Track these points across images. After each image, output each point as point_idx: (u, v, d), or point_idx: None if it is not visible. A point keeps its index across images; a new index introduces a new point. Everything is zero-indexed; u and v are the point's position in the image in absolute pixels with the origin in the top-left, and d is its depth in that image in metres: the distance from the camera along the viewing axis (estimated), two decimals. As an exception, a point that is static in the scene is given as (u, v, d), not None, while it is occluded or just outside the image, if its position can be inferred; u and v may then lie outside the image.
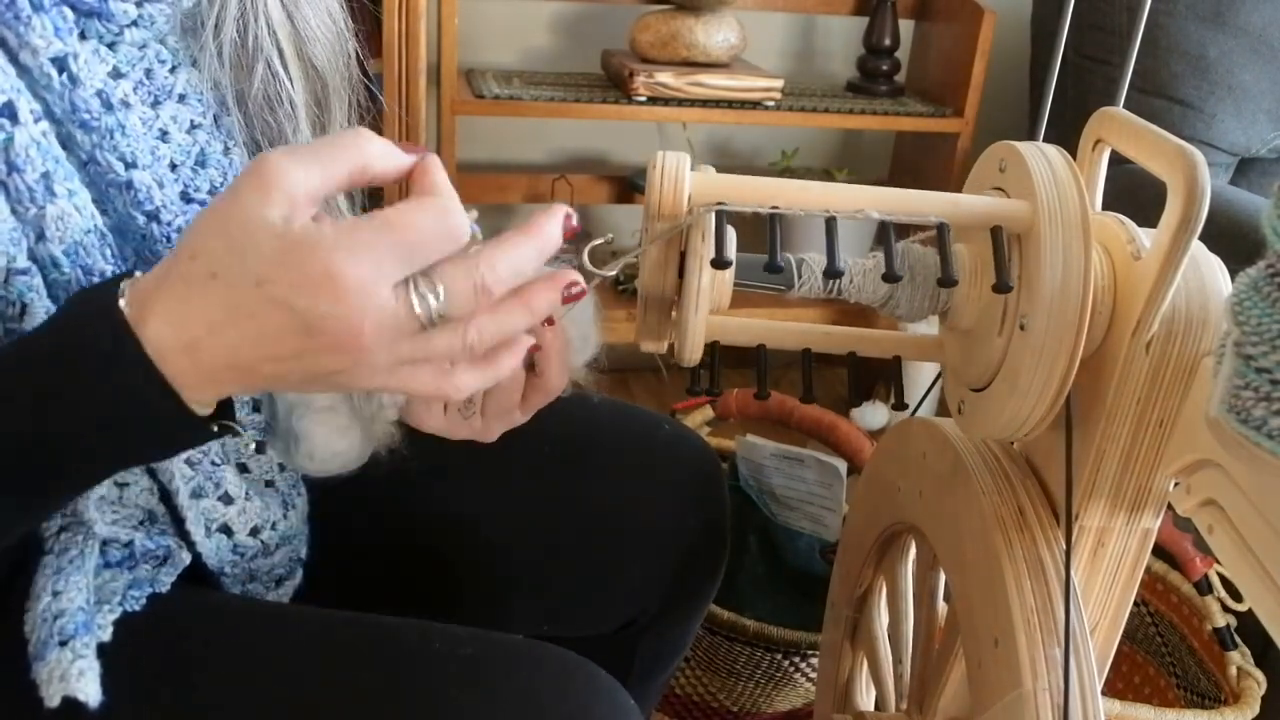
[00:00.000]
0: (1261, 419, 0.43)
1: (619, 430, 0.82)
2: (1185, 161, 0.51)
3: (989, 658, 0.59)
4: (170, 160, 0.57)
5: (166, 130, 0.57)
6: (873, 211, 0.54)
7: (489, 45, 1.86)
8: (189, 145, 0.59)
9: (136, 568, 0.59)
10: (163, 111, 0.57)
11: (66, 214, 0.51)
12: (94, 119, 0.52)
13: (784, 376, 1.91)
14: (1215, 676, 1.11)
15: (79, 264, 0.52)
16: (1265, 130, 1.63)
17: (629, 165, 2.00)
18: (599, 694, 0.59)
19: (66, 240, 0.51)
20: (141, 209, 0.55)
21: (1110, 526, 0.59)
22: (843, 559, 0.89)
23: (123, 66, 0.56)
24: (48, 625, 0.53)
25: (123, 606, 0.57)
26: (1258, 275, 0.44)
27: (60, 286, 0.52)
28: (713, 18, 1.66)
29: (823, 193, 0.55)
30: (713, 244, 0.53)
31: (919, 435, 0.71)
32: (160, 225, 0.56)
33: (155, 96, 0.57)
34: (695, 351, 0.58)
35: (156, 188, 0.55)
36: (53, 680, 0.52)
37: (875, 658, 0.85)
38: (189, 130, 0.59)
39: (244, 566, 0.65)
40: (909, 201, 0.55)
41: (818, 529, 1.22)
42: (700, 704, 1.22)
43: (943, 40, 1.84)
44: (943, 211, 0.55)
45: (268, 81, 0.62)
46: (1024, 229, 0.55)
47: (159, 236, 0.56)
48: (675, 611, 0.84)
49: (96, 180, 0.54)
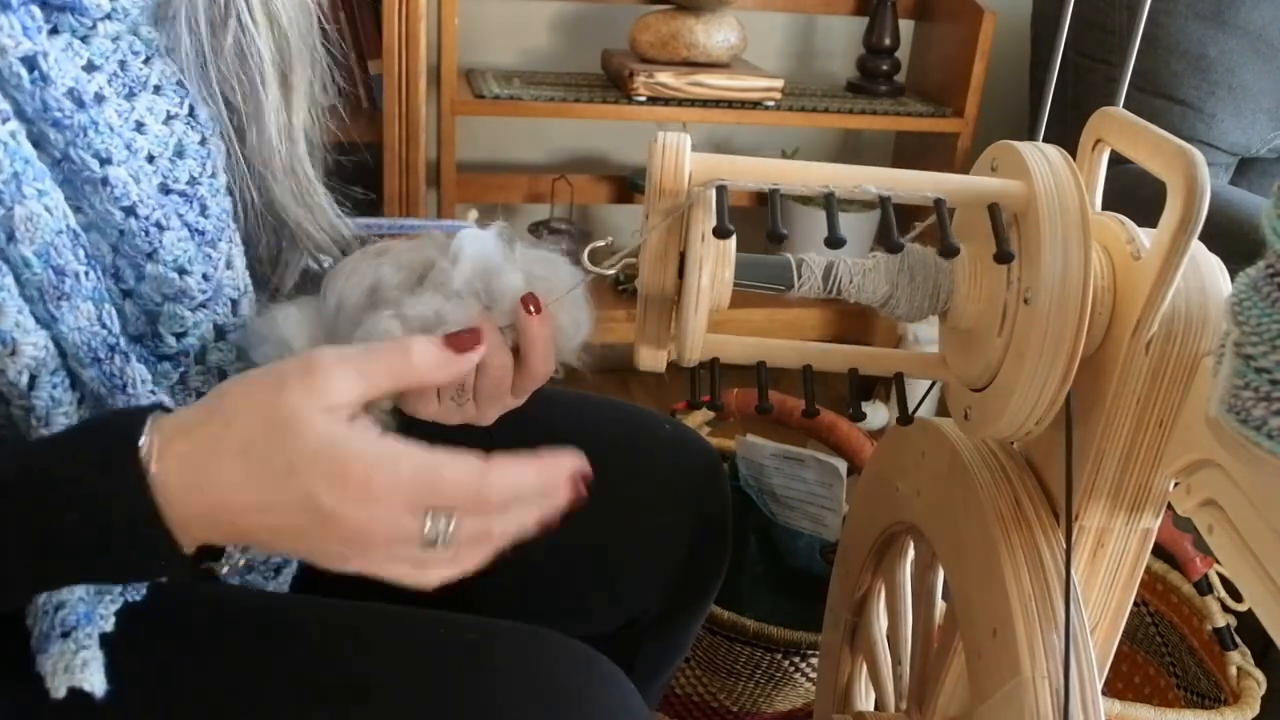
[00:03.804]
0: (1261, 419, 0.43)
1: (620, 430, 0.82)
2: (1185, 161, 0.51)
3: (988, 647, 0.59)
4: (148, 152, 0.57)
5: (142, 122, 0.57)
6: (870, 187, 0.54)
7: (489, 45, 1.86)
8: (166, 136, 0.58)
9: None
10: (138, 103, 0.57)
11: (36, 215, 0.51)
12: (66, 117, 0.52)
13: (784, 376, 1.90)
14: (1215, 676, 1.11)
15: (50, 264, 0.52)
16: (1265, 130, 1.63)
17: (629, 165, 2.00)
18: (605, 678, 0.59)
19: (37, 241, 0.51)
20: (119, 204, 0.55)
21: (1110, 526, 0.59)
22: (842, 562, 0.89)
23: (96, 60, 0.55)
24: (49, 618, 0.53)
25: (124, 597, 0.57)
26: (1258, 275, 0.44)
27: (33, 286, 0.52)
28: (713, 18, 1.66)
29: (822, 172, 0.55)
30: (714, 215, 0.53)
31: (917, 435, 0.71)
32: (138, 220, 0.56)
33: (130, 88, 0.57)
34: (695, 351, 0.58)
35: (133, 183, 0.55)
36: (57, 672, 0.52)
37: (874, 661, 0.85)
38: (165, 121, 0.59)
39: (240, 555, 0.65)
40: (907, 179, 0.55)
41: (818, 529, 1.22)
42: (700, 704, 1.22)
43: (943, 40, 1.84)
44: (935, 188, 0.55)
45: (238, 35, 0.62)
46: (1020, 208, 0.55)
47: (137, 231, 0.56)
48: (677, 611, 0.84)
49: (71, 178, 0.54)
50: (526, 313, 0.59)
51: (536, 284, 0.62)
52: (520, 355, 0.60)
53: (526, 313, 0.59)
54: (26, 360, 0.52)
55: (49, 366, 0.53)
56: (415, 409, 0.62)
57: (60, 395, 0.54)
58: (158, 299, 0.58)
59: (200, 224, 0.59)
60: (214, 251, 0.60)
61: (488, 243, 0.63)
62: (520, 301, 0.59)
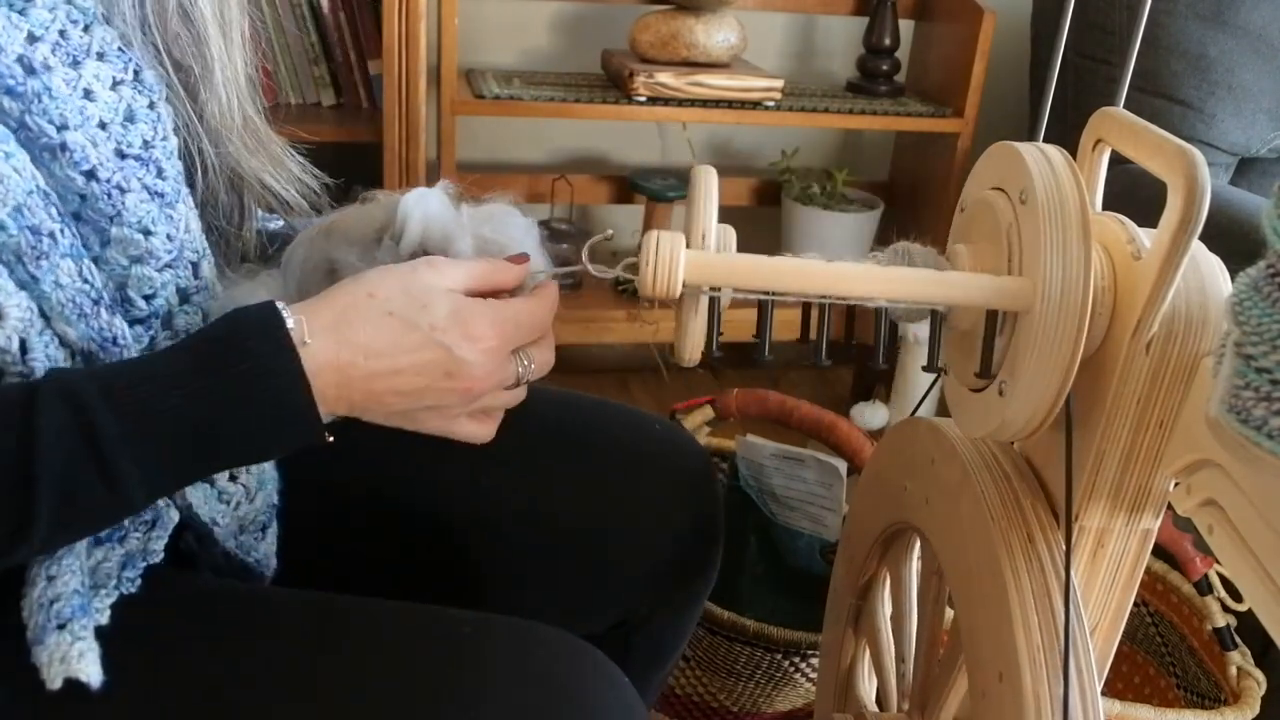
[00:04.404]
0: (1262, 419, 0.43)
1: (609, 429, 0.82)
2: (1185, 161, 0.51)
3: (993, 690, 0.58)
4: (99, 119, 0.57)
5: (90, 89, 0.57)
6: (882, 301, 0.56)
7: (489, 45, 1.86)
8: (115, 102, 0.58)
9: (127, 539, 0.60)
10: (84, 71, 0.57)
11: (6, 176, 0.51)
12: (19, 84, 0.53)
13: (784, 376, 1.91)
14: (1215, 676, 1.11)
15: (25, 225, 0.52)
16: (1265, 130, 1.63)
17: (629, 165, 2.00)
18: (599, 671, 0.59)
19: (9, 203, 0.51)
20: (79, 169, 0.55)
21: (1110, 527, 0.59)
22: (846, 550, 0.89)
23: (36, 30, 0.55)
24: (44, 610, 0.53)
25: (119, 590, 0.57)
26: (1258, 275, 0.44)
27: (9, 250, 0.52)
28: (713, 18, 1.66)
29: (821, 275, 0.55)
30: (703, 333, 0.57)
31: (926, 439, 0.71)
32: (99, 183, 0.56)
33: (74, 57, 0.57)
34: (695, 352, 0.59)
35: (90, 146, 0.56)
36: (53, 663, 0.52)
37: (878, 646, 0.85)
38: (113, 87, 0.59)
39: (232, 515, 0.66)
40: (910, 286, 0.56)
41: (818, 529, 1.22)
42: (700, 704, 1.22)
43: (943, 40, 1.84)
44: (943, 296, 0.56)
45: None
46: (1023, 308, 0.55)
47: (100, 194, 0.56)
48: (668, 610, 0.84)
49: (29, 146, 0.54)
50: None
51: (488, 248, 0.64)
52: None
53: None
54: (14, 323, 0.52)
55: (36, 328, 0.53)
56: None
57: (54, 353, 0.54)
58: (125, 262, 0.59)
59: (159, 186, 0.60)
60: (174, 213, 0.61)
61: (432, 205, 0.64)
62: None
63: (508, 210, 0.67)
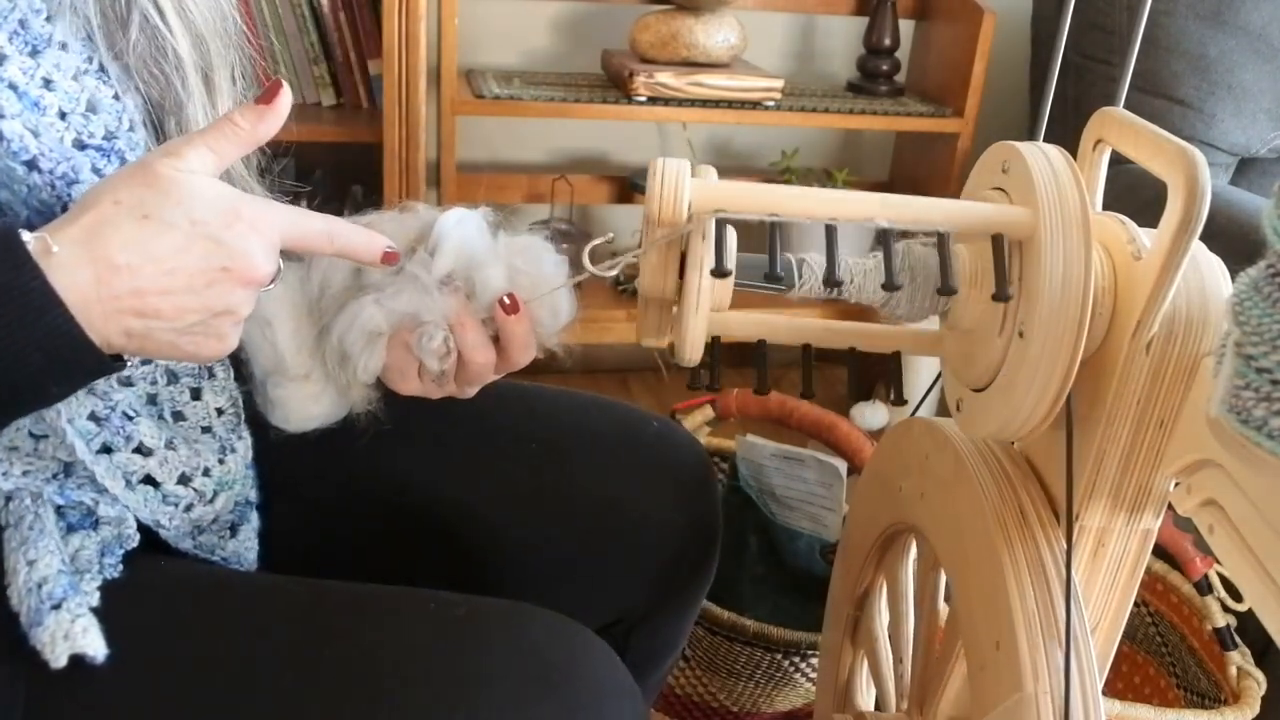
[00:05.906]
0: (1262, 419, 0.43)
1: (605, 427, 0.82)
2: (1185, 161, 0.51)
3: (990, 660, 0.59)
4: (59, 109, 0.57)
5: (50, 79, 0.57)
6: (881, 220, 0.55)
7: (489, 45, 1.86)
8: (76, 92, 0.58)
9: (100, 526, 0.60)
10: (44, 60, 0.56)
11: None
12: None
13: (784, 376, 1.91)
14: (1215, 676, 1.11)
15: None
16: (1265, 130, 1.63)
17: (629, 165, 2.00)
18: (591, 651, 0.59)
19: None
20: (18, 159, 0.54)
21: (1110, 527, 0.59)
22: (844, 557, 0.89)
23: None
24: (35, 594, 0.53)
25: (103, 575, 0.57)
26: (1258, 275, 0.44)
27: None
28: (713, 18, 1.66)
29: (822, 200, 0.55)
30: (713, 253, 0.54)
31: (921, 436, 0.71)
32: (41, 174, 0.55)
33: (33, 46, 0.56)
34: (695, 352, 0.59)
35: (30, 136, 0.54)
36: (56, 641, 0.52)
37: (875, 656, 0.85)
38: (75, 77, 0.58)
39: (182, 518, 0.64)
40: (910, 209, 0.55)
41: (818, 529, 1.22)
42: (700, 704, 1.22)
43: (943, 40, 1.84)
44: (944, 219, 0.55)
45: (149, 34, 0.62)
46: (1025, 235, 0.55)
47: (42, 185, 0.55)
48: (665, 609, 0.83)
49: None
50: (504, 313, 0.64)
51: (518, 278, 0.64)
52: (500, 345, 0.65)
53: (504, 313, 0.64)
54: None
55: None
56: (399, 386, 0.67)
57: None
58: None
59: None
60: None
61: (470, 230, 0.64)
62: (497, 303, 0.64)
63: (543, 245, 0.67)
